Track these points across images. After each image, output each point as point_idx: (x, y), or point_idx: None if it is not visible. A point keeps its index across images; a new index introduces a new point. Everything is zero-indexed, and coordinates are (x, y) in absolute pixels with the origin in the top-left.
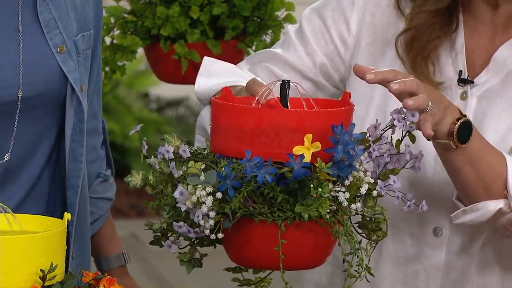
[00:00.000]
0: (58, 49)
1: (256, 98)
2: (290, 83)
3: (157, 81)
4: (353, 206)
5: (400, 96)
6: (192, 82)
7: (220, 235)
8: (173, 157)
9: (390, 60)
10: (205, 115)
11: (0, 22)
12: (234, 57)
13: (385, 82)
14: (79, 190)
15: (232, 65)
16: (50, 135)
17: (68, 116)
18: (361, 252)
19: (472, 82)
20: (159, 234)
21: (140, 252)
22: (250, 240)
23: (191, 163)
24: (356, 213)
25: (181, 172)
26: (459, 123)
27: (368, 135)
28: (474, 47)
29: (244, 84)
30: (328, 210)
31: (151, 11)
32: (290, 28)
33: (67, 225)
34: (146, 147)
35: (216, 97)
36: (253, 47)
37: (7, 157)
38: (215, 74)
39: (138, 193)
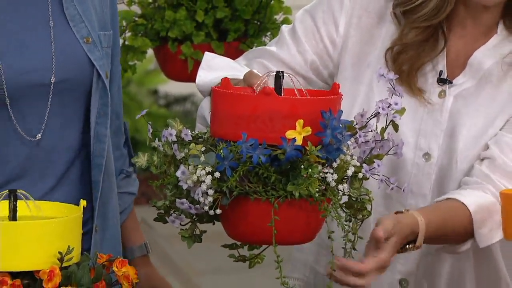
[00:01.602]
0: (84, 39)
1: (254, 88)
2: (284, 74)
3: (165, 79)
4: (340, 186)
5: None
6: None
7: (218, 211)
8: (176, 139)
9: (377, 59)
10: (205, 105)
11: (33, 16)
12: (236, 57)
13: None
14: (102, 168)
15: (231, 60)
16: (77, 119)
17: (94, 100)
18: (348, 227)
19: (451, 82)
20: (163, 211)
21: (149, 236)
22: (246, 217)
23: (192, 145)
24: (343, 194)
25: (183, 154)
26: (410, 247)
27: (355, 123)
28: (455, 50)
29: (242, 77)
30: (317, 189)
31: (160, 15)
32: (284, 28)
33: (91, 199)
34: (151, 130)
35: (216, 86)
36: (254, 48)
37: (39, 136)
38: (215, 68)
39: (147, 181)
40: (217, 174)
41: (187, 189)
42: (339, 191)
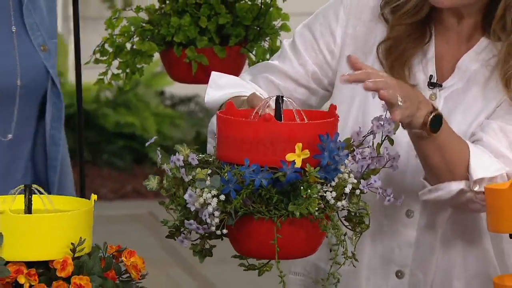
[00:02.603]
0: (41, 47)
1: (255, 111)
2: (284, 98)
3: (171, 81)
4: (339, 203)
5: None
6: (201, 82)
7: (225, 231)
8: (183, 164)
9: (372, 64)
10: (215, 121)
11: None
12: (237, 60)
13: (359, 82)
14: (57, 170)
15: (236, 77)
16: (34, 123)
17: (48, 105)
18: (346, 243)
19: (441, 86)
20: (174, 230)
21: (158, 229)
22: (251, 235)
23: (198, 169)
24: (343, 209)
25: (190, 177)
26: (431, 115)
27: (352, 140)
28: (443, 54)
29: (247, 94)
30: (316, 208)
31: (165, 21)
32: (284, 42)
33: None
34: (160, 155)
35: (221, 111)
36: (253, 52)
37: (10, 137)
38: (222, 86)
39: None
40: (222, 197)
41: (195, 211)
42: (338, 208)
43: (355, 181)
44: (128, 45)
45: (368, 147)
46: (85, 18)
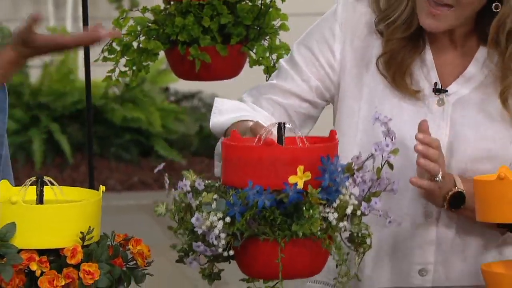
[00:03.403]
0: None
1: (257, 137)
2: (286, 125)
3: (175, 78)
4: (341, 224)
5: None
6: (204, 78)
7: (231, 252)
8: (190, 189)
9: (373, 76)
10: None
11: None
12: (238, 58)
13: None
14: (0, 159)
15: (238, 102)
16: None
17: None
18: (349, 263)
19: (446, 91)
20: (182, 253)
21: (163, 218)
22: (257, 255)
23: (204, 194)
24: (345, 230)
25: (197, 202)
26: (450, 194)
27: (353, 164)
28: (441, 62)
29: (249, 118)
30: (319, 228)
31: (170, 21)
32: (282, 62)
33: None
34: (168, 181)
35: (226, 139)
36: (254, 50)
37: None
38: (225, 112)
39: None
40: (227, 219)
41: (202, 234)
42: (340, 228)
43: (356, 202)
44: (135, 44)
45: (368, 171)
46: (94, 18)
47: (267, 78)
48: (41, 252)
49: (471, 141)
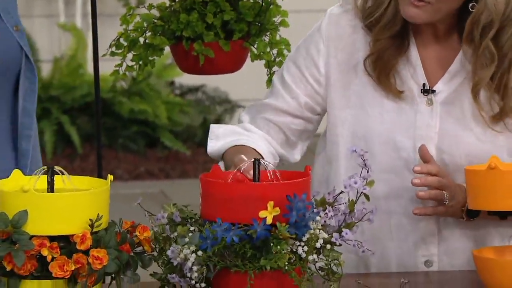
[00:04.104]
0: (14, 28)
1: (234, 172)
2: (261, 161)
3: (180, 72)
4: (310, 257)
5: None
6: (208, 73)
7: (203, 285)
8: (167, 222)
9: (361, 80)
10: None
11: None
12: (240, 53)
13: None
14: (31, 139)
15: (234, 126)
16: (8, 97)
17: (22, 79)
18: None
19: (434, 91)
20: (163, 282)
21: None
22: (229, 286)
23: (179, 227)
24: (316, 262)
25: (176, 233)
26: (465, 209)
27: (327, 199)
28: (427, 59)
29: (243, 142)
30: (286, 262)
31: (175, 17)
32: (274, 78)
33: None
34: (148, 216)
35: (204, 174)
36: (255, 45)
37: None
38: (221, 137)
39: (166, 159)
40: (199, 252)
41: (178, 264)
42: (310, 261)
43: (326, 236)
44: (141, 40)
45: (344, 203)
46: (102, 15)
47: (267, 72)
48: (52, 238)
49: (461, 136)
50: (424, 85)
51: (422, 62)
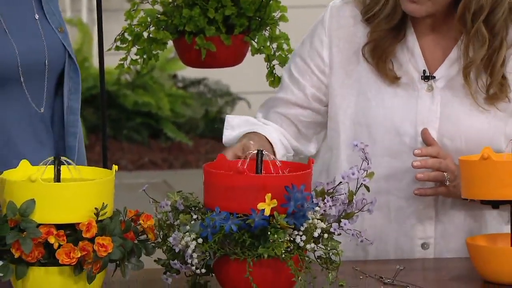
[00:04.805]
0: (59, 29)
1: (240, 162)
2: (263, 152)
3: (183, 66)
4: (308, 246)
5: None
6: (210, 66)
7: (203, 271)
8: (170, 209)
9: (363, 68)
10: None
11: (26, 14)
12: (241, 47)
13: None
14: (77, 136)
15: (248, 117)
16: (53, 96)
17: (66, 79)
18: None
19: (434, 77)
20: (167, 267)
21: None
22: (228, 273)
23: (181, 215)
24: (315, 251)
25: (178, 221)
26: None
27: (326, 189)
28: (426, 47)
29: (258, 131)
30: (283, 251)
31: (178, 12)
32: (283, 73)
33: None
34: (152, 204)
35: (208, 164)
36: (256, 40)
37: (42, 110)
38: (236, 127)
39: (169, 149)
40: (200, 240)
41: (181, 251)
42: (308, 250)
43: (324, 225)
44: (145, 34)
45: (343, 193)
46: (107, 10)
47: (267, 66)
48: (58, 226)
49: (462, 121)
50: (424, 71)
51: (421, 50)
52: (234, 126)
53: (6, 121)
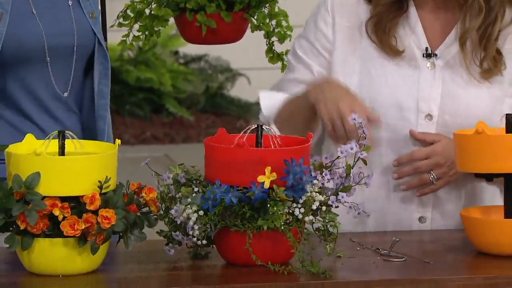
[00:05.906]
0: (90, 15)
1: (238, 136)
2: (264, 127)
3: (184, 42)
4: (306, 218)
5: None
6: (210, 42)
7: (204, 242)
8: (172, 182)
9: (366, 45)
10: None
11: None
12: (241, 24)
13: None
14: (106, 120)
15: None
16: (82, 78)
17: (96, 64)
18: (313, 251)
19: (436, 55)
20: (169, 239)
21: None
22: (229, 244)
23: (183, 188)
24: (313, 223)
25: (180, 194)
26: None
27: (324, 163)
28: (428, 24)
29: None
30: (282, 223)
31: None
32: (288, 55)
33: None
34: (154, 176)
35: (209, 138)
36: (255, 17)
37: (66, 94)
38: (274, 99)
39: (171, 124)
40: (201, 212)
41: (182, 223)
42: (306, 222)
43: (323, 198)
44: (147, 11)
45: (342, 167)
46: None
47: (267, 42)
48: (63, 199)
49: (462, 97)
50: (426, 49)
51: (423, 28)
52: (272, 98)
53: (28, 101)
